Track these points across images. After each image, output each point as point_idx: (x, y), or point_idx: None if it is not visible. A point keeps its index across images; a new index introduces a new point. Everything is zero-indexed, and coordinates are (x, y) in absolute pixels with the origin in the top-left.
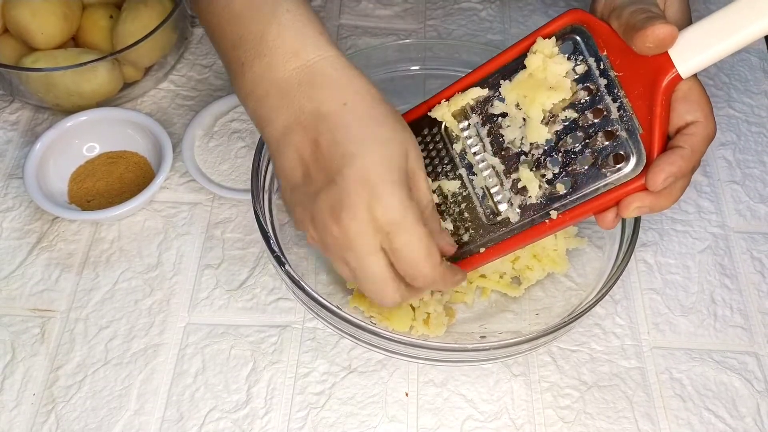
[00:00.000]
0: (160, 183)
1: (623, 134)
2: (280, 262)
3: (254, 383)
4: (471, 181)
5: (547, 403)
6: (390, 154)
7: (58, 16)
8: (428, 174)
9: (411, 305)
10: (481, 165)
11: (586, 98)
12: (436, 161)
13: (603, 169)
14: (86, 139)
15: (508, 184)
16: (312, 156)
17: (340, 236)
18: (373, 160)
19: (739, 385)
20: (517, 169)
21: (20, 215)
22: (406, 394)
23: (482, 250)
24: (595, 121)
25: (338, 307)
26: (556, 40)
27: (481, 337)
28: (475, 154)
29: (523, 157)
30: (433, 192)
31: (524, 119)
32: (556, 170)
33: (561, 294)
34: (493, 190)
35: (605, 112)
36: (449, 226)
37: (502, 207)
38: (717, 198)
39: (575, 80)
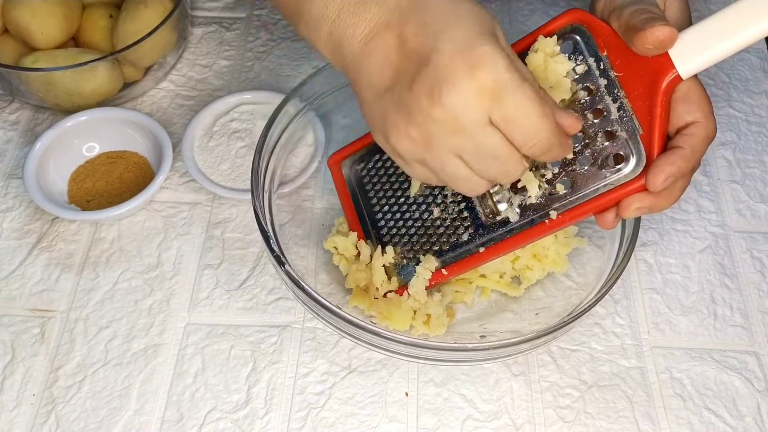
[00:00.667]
0: (159, 183)
1: (623, 135)
2: (280, 262)
3: (254, 383)
4: None
5: (547, 403)
6: (481, 23)
7: (58, 16)
8: None
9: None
10: None
11: (586, 98)
12: None
13: (603, 170)
14: (86, 139)
15: (507, 184)
16: (400, 50)
17: (445, 118)
18: (465, 30)
19: (740, 385)
20: None
21: (20, 215)
22: (406, 394)
23: (482, 249)
24: (595, 121)
25: (338, 307)
26: (557, 40)
27: (481, 336)
28: None
29: None
30: (433, 190)
31: None
32: (556, 170)
33: (561, 294)
34: (492, 190)
35: (605, 113)
36: (447, 224)
37: (502, 207)
38: (717, 197)
39: (575, 80)
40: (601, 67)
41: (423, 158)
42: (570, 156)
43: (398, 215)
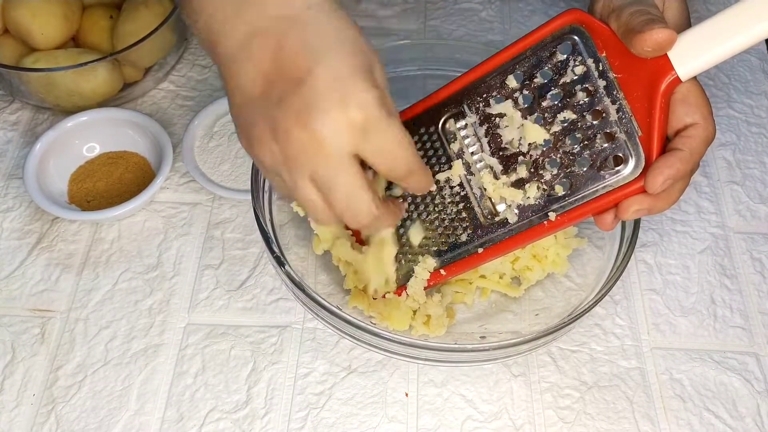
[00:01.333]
0: (160, 183)
1: (622, 136)
2: (280, 262)
3: (254, 383)
4: (469, 181)
5: (547, 404)
6: (360, 55)
7: (59, 16)
8: None
9: (410, 307)
10: (478, 165)
11: (585, 99)
12: (433, 160)
13: (602, 171)
14: (86, 139)
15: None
16: (275, 63)
17: (308, 142)
18: (344, 60)
19: (739, 386)
20: (515, 170)
21: (20, 215)
22: (406, 395)
23: (480, 250)
24: (594, 122)
25: (338, 308)
26: (555, 41)
27: (480, 337)
28: (472, 153)
29: (521, 158)
30: (431, 191)
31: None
32: (555, 171)
33: (561, 294)
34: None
35: (604, 114)
36: (446, 224)
37: (500, 207)
38: (717, 198)
39: (573, 81)
40: (600, 68)
41: (281, 174)
42: (430, 188)
43: None
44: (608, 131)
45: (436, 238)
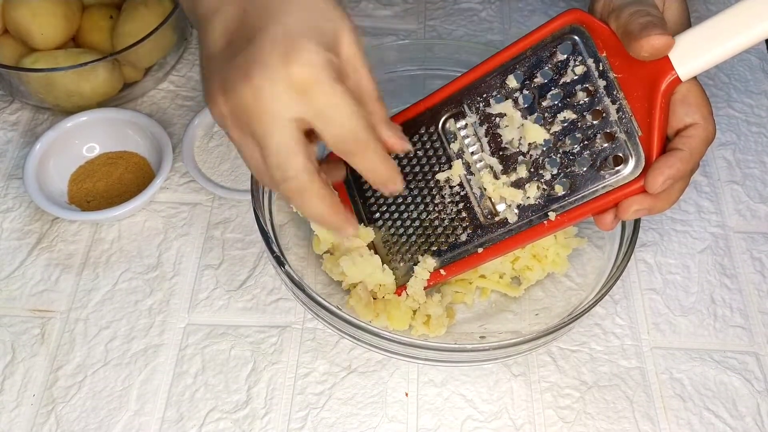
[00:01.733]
0: (159, 183)
1: (622, 136)
2: (280, 262)
3: (254, 383)
4: (469, 180)
5: (547, 403)
6: (322, 19)
7: (59, 16)
8: (425, 173)
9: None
10: (478, 165)
11: (585, 99)
12: (433, 160)
13: (602, 171)
14: (86, 139)
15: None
16: (238, 23)
17: (249, 98)
18: (302, 19)
19: (739, 385)
20: (515, 170)
21: (20, 215)
22: (406, 394)
23: (480, 250)
24: (594, 122)
25: (338, 308)
26: (555, 40)
27: (480, 337)
28: (472, 153)
29: (521, 158)
30: (431, 190)
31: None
32: (555, 171)
33: (561, 294)
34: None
35: (604, 114)
36: (446, 224)
37: (500, 207)
38: (717, 198)
39: (573, 81)
40: (600, 68)
41: (228, 131)
42: (396, 186)
43: (396, 215)
44: (608, 131)
45: (436, 238)
